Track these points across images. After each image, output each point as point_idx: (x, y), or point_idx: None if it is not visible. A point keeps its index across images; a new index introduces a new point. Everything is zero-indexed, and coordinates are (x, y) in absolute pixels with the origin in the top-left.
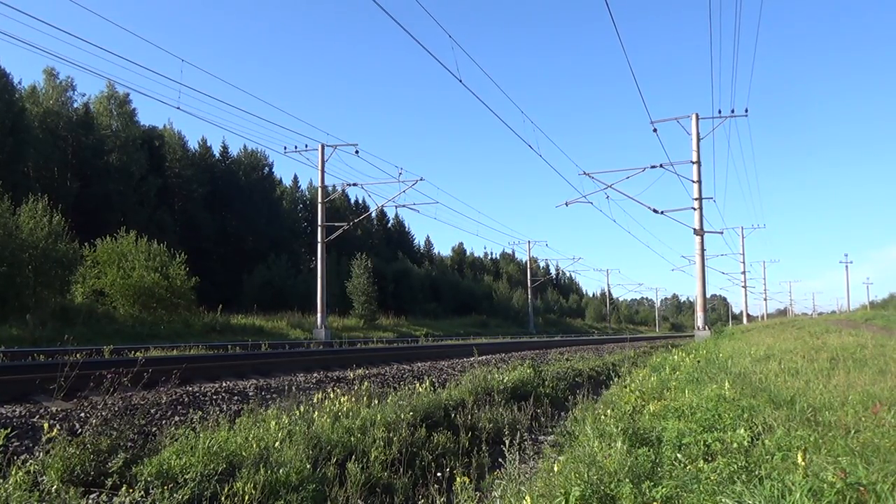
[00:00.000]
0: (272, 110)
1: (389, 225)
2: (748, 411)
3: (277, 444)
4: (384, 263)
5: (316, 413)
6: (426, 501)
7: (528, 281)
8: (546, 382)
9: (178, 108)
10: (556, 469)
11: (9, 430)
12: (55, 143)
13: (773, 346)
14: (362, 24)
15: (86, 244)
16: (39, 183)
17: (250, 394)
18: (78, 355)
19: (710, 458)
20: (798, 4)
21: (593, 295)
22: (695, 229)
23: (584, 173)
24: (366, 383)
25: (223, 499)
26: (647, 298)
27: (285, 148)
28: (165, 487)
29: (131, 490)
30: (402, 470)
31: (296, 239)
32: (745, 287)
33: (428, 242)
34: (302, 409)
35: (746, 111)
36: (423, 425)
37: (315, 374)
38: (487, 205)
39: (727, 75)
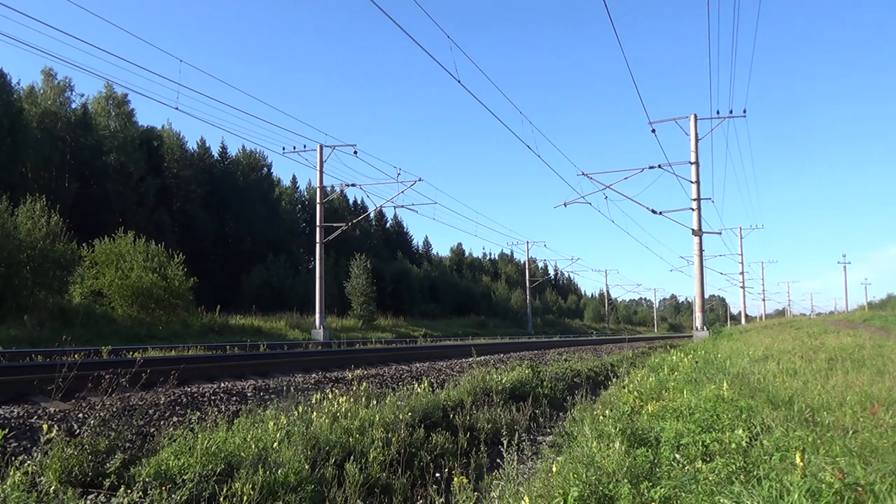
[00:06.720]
0: (271, 111)
1: (388, 225)
2: (746, 412)
3: (276, 444)
4: (383, 264)
5: (314, 414)
6: (425, 502)
7: (527, 281)
8: (544, 383)
9: (177, 108)
10: (554, 469)
11: (7, 430)
12: (53, 143)
13: (771, 347)
14: (361, 24)
15: (84, 245)
16: (37, 183)
17: (249, 394)
18: (76, 356)
19: (708, 459)
20: (796, 5)
21: (592, 295)
22: (693, 230)
23: (583, 174)
24: (364, 384)
25: (221, 499)
26: (645, 299)
27: (284, 148)
28: (164, 488)
29: (129, 491)
30: (400, 470)
31: (294, 239)
32: (743, 287)
33: (426, 243)
34: (300, 410)
35: (745, 112)
36: (422, 426)
37: (313, 375)
38: (486, 205)
39: (725, 76)
